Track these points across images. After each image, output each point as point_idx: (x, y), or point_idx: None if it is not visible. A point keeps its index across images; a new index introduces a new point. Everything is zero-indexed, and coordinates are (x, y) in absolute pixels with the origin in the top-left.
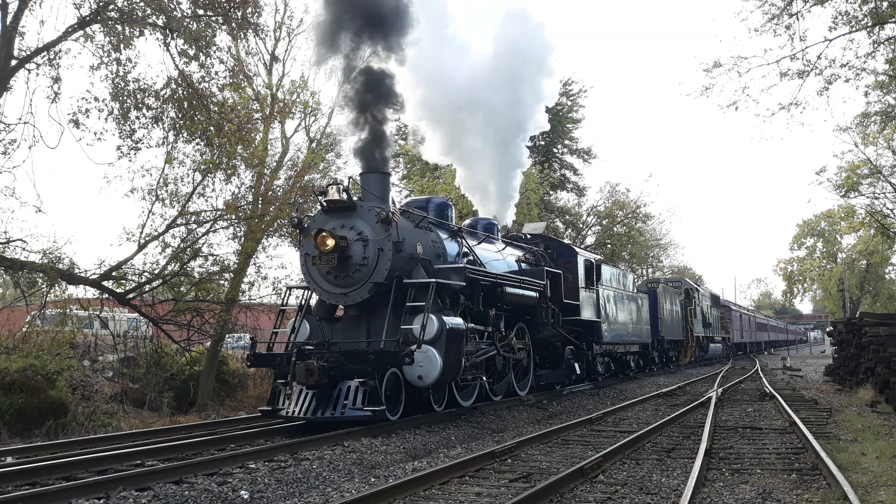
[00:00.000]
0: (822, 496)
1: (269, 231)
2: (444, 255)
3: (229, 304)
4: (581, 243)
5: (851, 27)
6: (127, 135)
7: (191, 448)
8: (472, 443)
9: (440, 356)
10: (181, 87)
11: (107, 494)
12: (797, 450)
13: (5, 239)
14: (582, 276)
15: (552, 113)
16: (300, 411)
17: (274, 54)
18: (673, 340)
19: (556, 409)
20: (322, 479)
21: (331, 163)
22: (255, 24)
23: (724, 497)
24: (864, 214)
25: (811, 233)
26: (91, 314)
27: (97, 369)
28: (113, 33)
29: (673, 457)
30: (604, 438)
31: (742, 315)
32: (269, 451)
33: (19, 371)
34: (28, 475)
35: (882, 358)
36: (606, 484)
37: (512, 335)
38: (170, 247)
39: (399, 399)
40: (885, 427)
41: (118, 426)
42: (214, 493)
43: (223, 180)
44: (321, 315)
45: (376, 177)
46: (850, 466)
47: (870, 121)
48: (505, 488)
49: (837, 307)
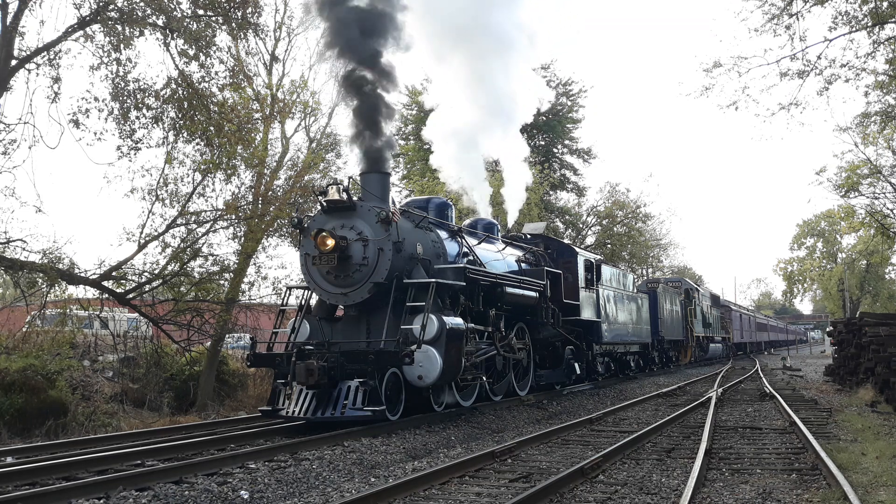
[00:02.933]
0: (823, 496)
1: (269, 231)
2: (444, 255)
3: (229, 304)
4: (581, 243)
5: (851, 27)
6: (127, 135)
7: (191, 448)
8: (472, 443)
9: (440, 356)
10: (181, 87)
11: (107, 494)
12: (797, 450)
13: (5, 239)
14: (582, 276)
15: (552, 113)
16: (300, 411)
17: (274, 54)
18: (673, 340)
19: (556, 409)
20: (322, 479)
21: (331, 163)
22: (255, 24)
23: (724, 497)
24: (864, 214)
25: (811, 233)
26: (91, 314)
27: (97, 369)
28: (113, 33)
29: (673, 457)
30: (604, 438)
31: (742, 315)
32: (269, 451)
33: (19, 371)
34: (28, 475)
35: (882, 358)
36: (606, 484)
37: (512, 335)
38: (170, 247)
39: (399, 399)
40: (885, 427)
41: (118, 426)
42: (214, 492)
43: (223, 180)
44: (321, 315)
45: (376, 177)
46: (850, 466)
47: (870, 121)
48: (505, 488)
49: (837, 307)
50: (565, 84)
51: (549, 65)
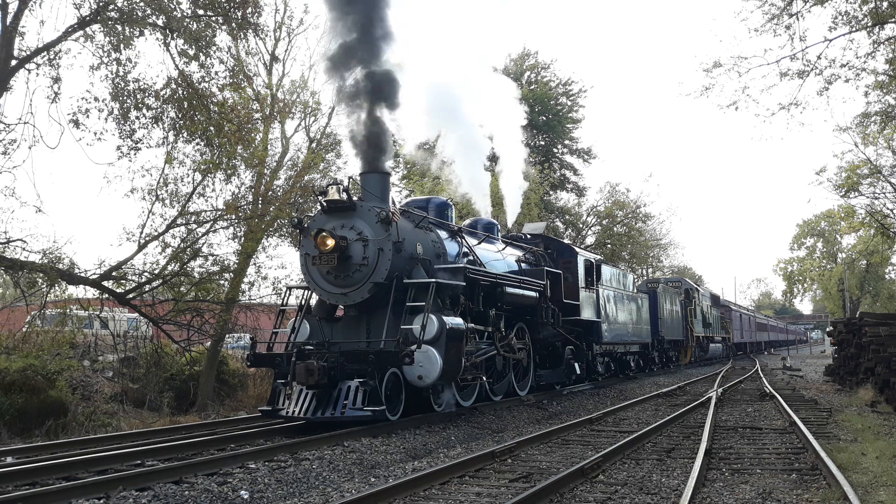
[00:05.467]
0: (822, 496)
1: (269, 231)
2: (444, 255)
3: (229, 304)
4: (581, 243)
5: (851, 27)
6: (127, 135)
7: (191, 448)
8: (472, 443)
9: (440, 356)
10: (181, 87)
11: (107, 494)
12: (797, 450)
13: (5, 239)
14: (582, 276)
15: (552, 113)
16: (300, 411)
17: (274, 54)
18: (673, 340)
19: (556, 409)
20: (322, 479)
21: (331, 163)
22: (255, 24)
23: (724, 497)
24: (865, 214)
25: (811, 233)
26: (91, 314)
27: (97, 369)
28: (113, 33)
29: (673, 457)
30: (604, 438)
31: (742, 315)
32: (269, 451)
33: (19, 371)
34: (28, 475)
35: (882, 358)
36: (606, 484)
37: (512, 335)
38: (170, 247)
39: (399, 399)
40: (885, 427)
41: (118, 426)
42: (214, 492)
43: (223, 180)
44: (321, 315)
45: (376, 177)
46: (849, 466)
47: (870, 121)
48: (505, 488)
49: (837, 307)
50: (565, 84)
51: (548, 65)
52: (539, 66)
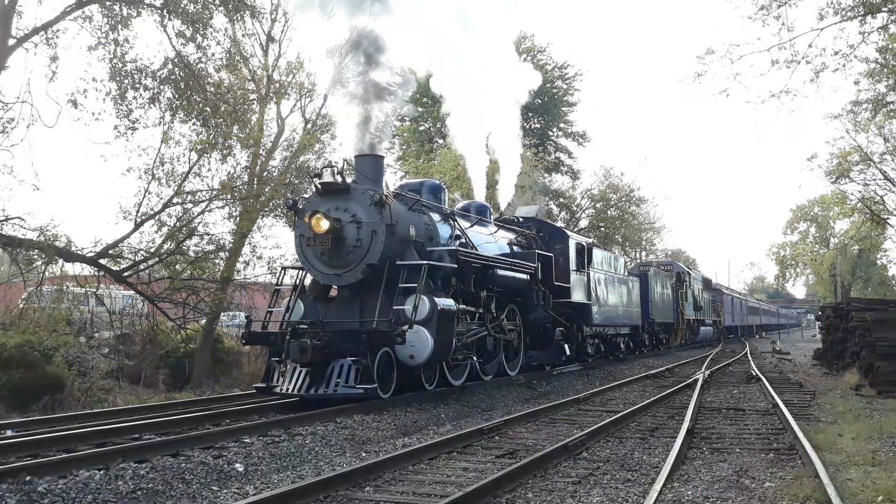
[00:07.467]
0: (796, 474)
1: (265, 211)
2: (436, 238)
3: (225, 282)
4: (575, 226)
5: (842, 17)
6: (124, 115)
7: (187, 423)
8: (462, 420)
9: (431, 336)
10: (178, 67)
11: (106, 466)
12: (777, 430)
13: (3, 216)
14: (573, 259)
15: (548, 96)
16: (294, 388)
17: (270, 35)
18: (663, 323)
19: (546, 389)
20: (315, 454)
21: (326, 144)
22: (251, 6)
23: (701, 474)
24: (856, 201)
25: (804, 217)
26: (87, 291)
27: (93, 346)
28: (110, 13)
29: (656, 436)
30: (590, 418)
31: (734, 299)
32: (263, 427)
33: (16, 347)
34: (29, 447)
35: (868, 342)
36: (589, 461)
37: (503, 316)
38: (166, 226)
39: (391, 378)
40: (865, 410)
41: (114, 402)
42: (210, 465)
43: (219, 160)
44: (315, 295)
45: (370, 159)
46: (825, 447)
47: (861, 108)
48: (491, 464)
49: (829, 292)
50: (561, 67)
51: (544, 48)
52: (535, 50)
